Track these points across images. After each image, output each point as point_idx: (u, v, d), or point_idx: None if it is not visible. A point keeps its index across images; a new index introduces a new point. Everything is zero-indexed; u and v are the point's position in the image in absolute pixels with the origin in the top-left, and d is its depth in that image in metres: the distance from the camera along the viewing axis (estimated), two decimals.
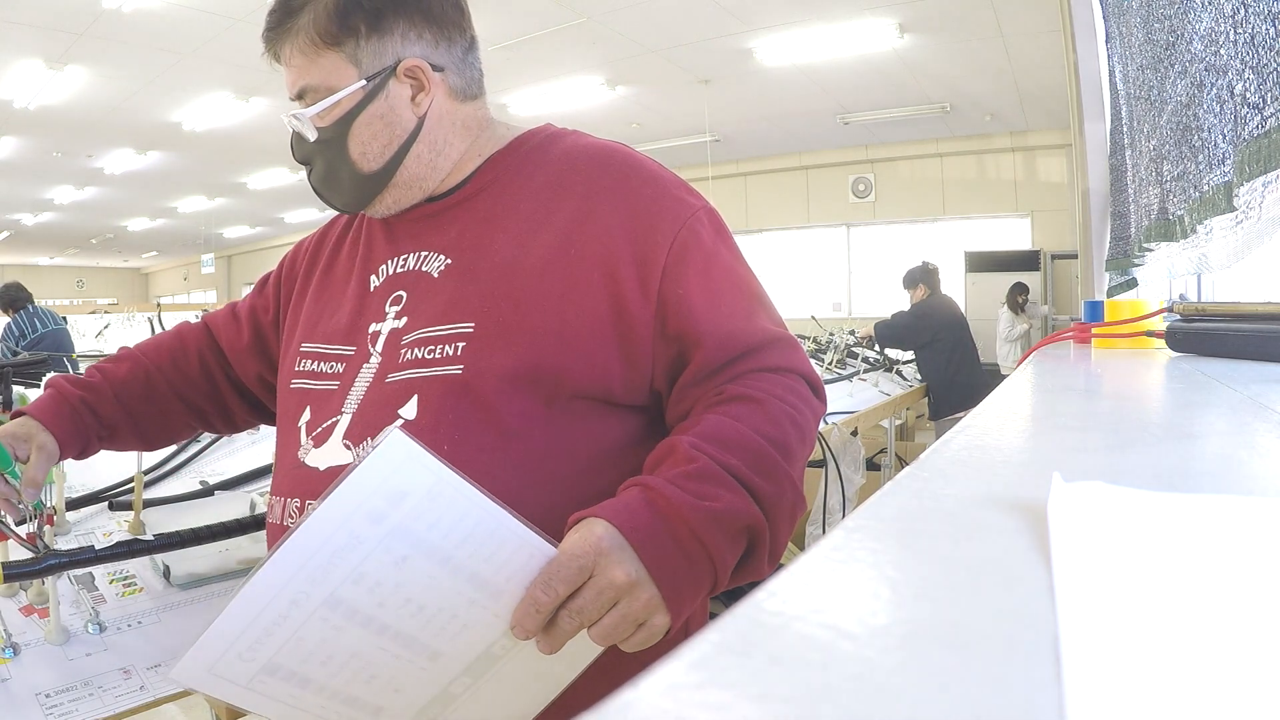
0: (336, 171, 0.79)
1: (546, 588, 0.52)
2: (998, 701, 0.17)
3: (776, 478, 0.63)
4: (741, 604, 0.22)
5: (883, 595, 0.24)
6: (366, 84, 0.75)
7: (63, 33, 5.07)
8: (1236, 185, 0.86)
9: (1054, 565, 0.24)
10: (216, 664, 0.50)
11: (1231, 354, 0.89)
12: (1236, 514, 0.29)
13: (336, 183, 0.80)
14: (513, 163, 0.81)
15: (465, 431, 0.69)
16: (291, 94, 0.78)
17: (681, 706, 0.17)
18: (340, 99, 0.75)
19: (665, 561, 0.56)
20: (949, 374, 4.08)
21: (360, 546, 0.48)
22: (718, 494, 0.59)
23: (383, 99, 0.76)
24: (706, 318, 0.72)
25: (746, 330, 0.73)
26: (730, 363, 0.71)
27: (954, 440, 0.46)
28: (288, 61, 0.77)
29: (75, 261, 17.17)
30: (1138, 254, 1.82)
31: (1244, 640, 0.19)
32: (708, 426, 0.64)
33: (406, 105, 0.77)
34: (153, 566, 1.04)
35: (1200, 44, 1.03)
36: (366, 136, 0.76)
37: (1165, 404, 0.71)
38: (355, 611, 0.49)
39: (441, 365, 0.72)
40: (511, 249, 0.75)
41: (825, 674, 0.18)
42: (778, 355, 0.73)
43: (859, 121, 7.44)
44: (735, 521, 0.59)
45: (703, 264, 0.74)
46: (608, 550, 0.54)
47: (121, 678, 0.85)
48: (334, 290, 0.85)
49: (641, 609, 0.55)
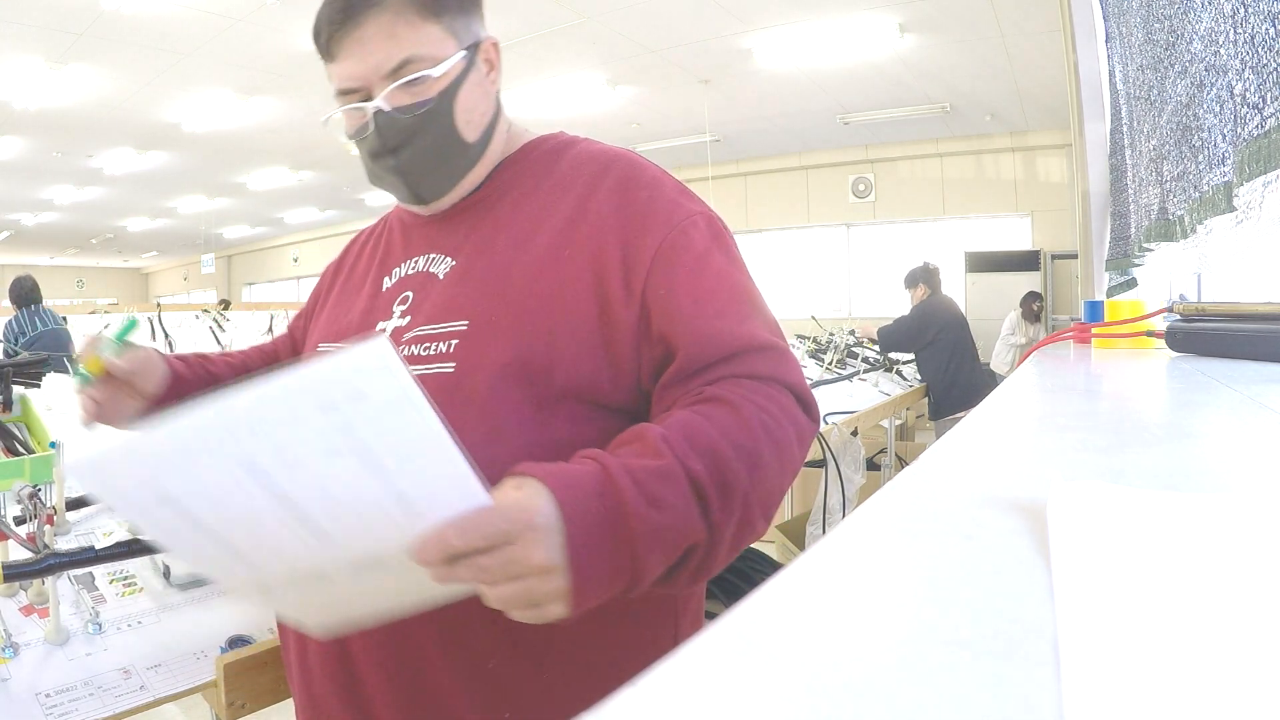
0: (440, 145, 0.77)
1: (462, 534, 0.50)
2: (998, 701, 0.17)
3: (731, 494, 0.59)
4: (741, 604, 0.22)
5: (883, 595, 0.24)
6: (466, 54, 0.77)
7: (63, 33, 5.07)
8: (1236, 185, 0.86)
9: (1054, 565, 0.24)
10: (119, 478, 0.51)
11: (1231, 354, 0.89)
12: (1236, 514, 0.29)
13: (437, 157, 0.78)
14: (523, 168, 0.83)
15: (454, 428, 0.67)
16: (383, 71, 0.74)
17: (681, 706, 0.17)
18: (449, 66, 0.75)
19: (590, 562, 0.53)
20: (949, 374, 4.08)
21: (299, 428, 0.47)
22: (671, 503, 0.55)
23: (476, 70, 0.79)
24: (690, 318, 0.70)
25: (733, 334, 0.69)
26: (711, 365, 0.68)
27: (954, 440, 0.46)
28: (386, 36, 0.73)
29: (75, 261, 17.17)
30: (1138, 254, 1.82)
31: (1243, 640, 0.19)
32: (680, 423, 0.61)
33: (489, 81, 0.81)
34: (153, 566, 1.04)
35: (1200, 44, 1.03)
36: (470, 104, 0.78)
37: (1165, 404, 0.71)
38: (269, 479, 0.49)
39: (435, 362, 0.73)
40: (510, 250, 0.76)
41: (825, 674, 0.18)
42: (764, 363, 0.69)
43: (859, 121, 7.44)
44: (676, 540, 0.56)
45: (692, 266, 0.72)
46: (539, 527, 0.51)
47: (121, 678, 0.85)
48: (351, 292, 0.88)
49: (544, 595, 0.52)
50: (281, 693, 0.90)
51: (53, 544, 0.92)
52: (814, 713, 0.17)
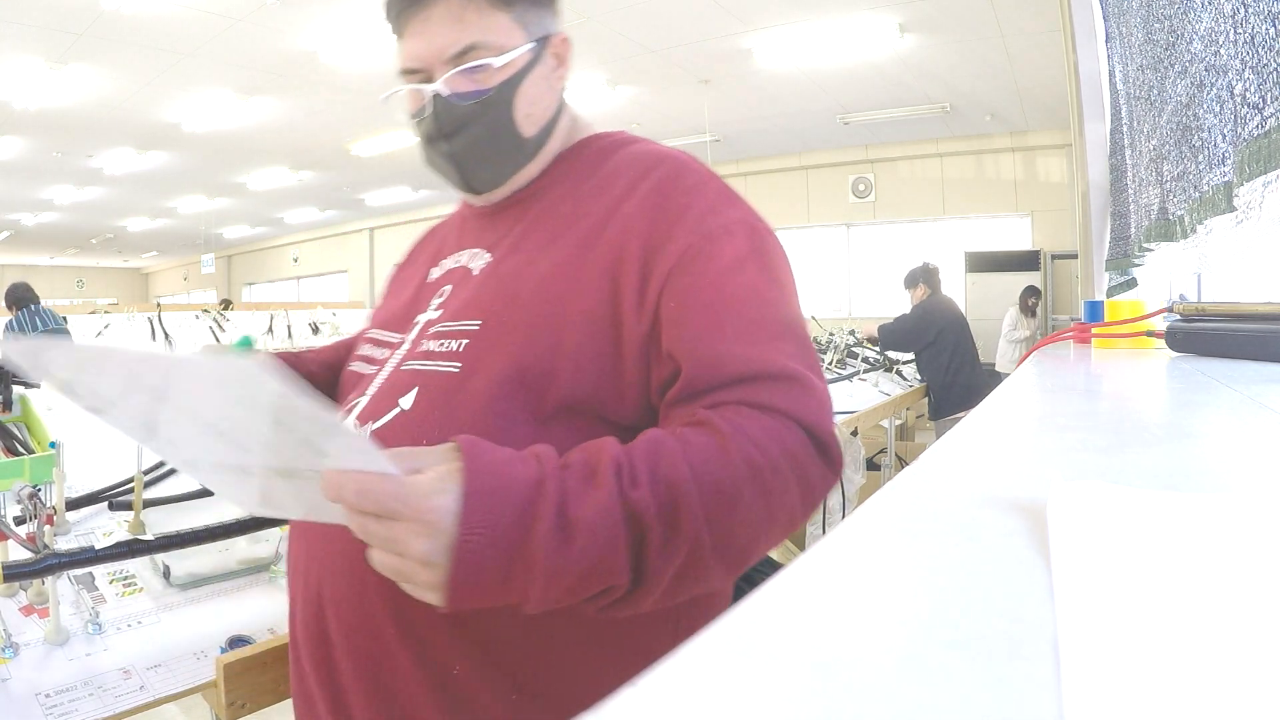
0: (496, 135, 0.76)
1: (358, 495, 0.48)
2: (998, 701, 0.17)
3: (678, 535, 0.52)
4: (741, 604, 0.22)
5: (883, 595, 0.24)
6: (534, 46, 0.76)
7: (63, 33, 5.07)
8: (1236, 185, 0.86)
9: (1054, 565, 0.24)
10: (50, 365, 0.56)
11: (1231, 354, 0.89)
12: (1236, 514, 0.29)
13: (492, 149, 0.76)
14: (572, 165, 0.80)
15: (448, 433, 0.60)
16: (446, 55, 0.73)
17: (681, 706, 0.17)
18: (514, 57, 0.74)
19: (472, 573, 0.50)
20: (949, 374, 4.08)
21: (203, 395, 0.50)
22: (588, 543, 0.50)
23: (543, 64, 0.77)
24: (699, 335, 0.64)
25: (745, 357, 0.62)
26: (716, 389, 0.61)
27: (954, 440, 0.46)
28: (453, 20, 0.72)
29: (75, 261, 17.17)
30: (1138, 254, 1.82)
31: (1243, 640, 0.19)
32: (648, 446, 0.55)
33: (556, 76, 0.80)
34: (153, 566, 1.04)
35: (1200, 44, 1.03)
36: (532, 97, 0.76)
37: (1165, 404, 0.71)
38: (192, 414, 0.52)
39: (444, 360, 0.71)
40: (536, 250, 0.73)
41: (825, 674, 0.18)
42: (779, 394, 0.60)
43: (859, 121, 7.45)
44: (586, 579, 0.52)
45: (714, 279, 0.66)
46: (429, 523, 0.48)
47: (121, 678, 0.85)
48: (405, 281, 0.89)
49: (419, 581, 0.50)
50: (282, 693, 0.90)
51: (52, 544, 0.92)
52: (814, 713, 0.17)
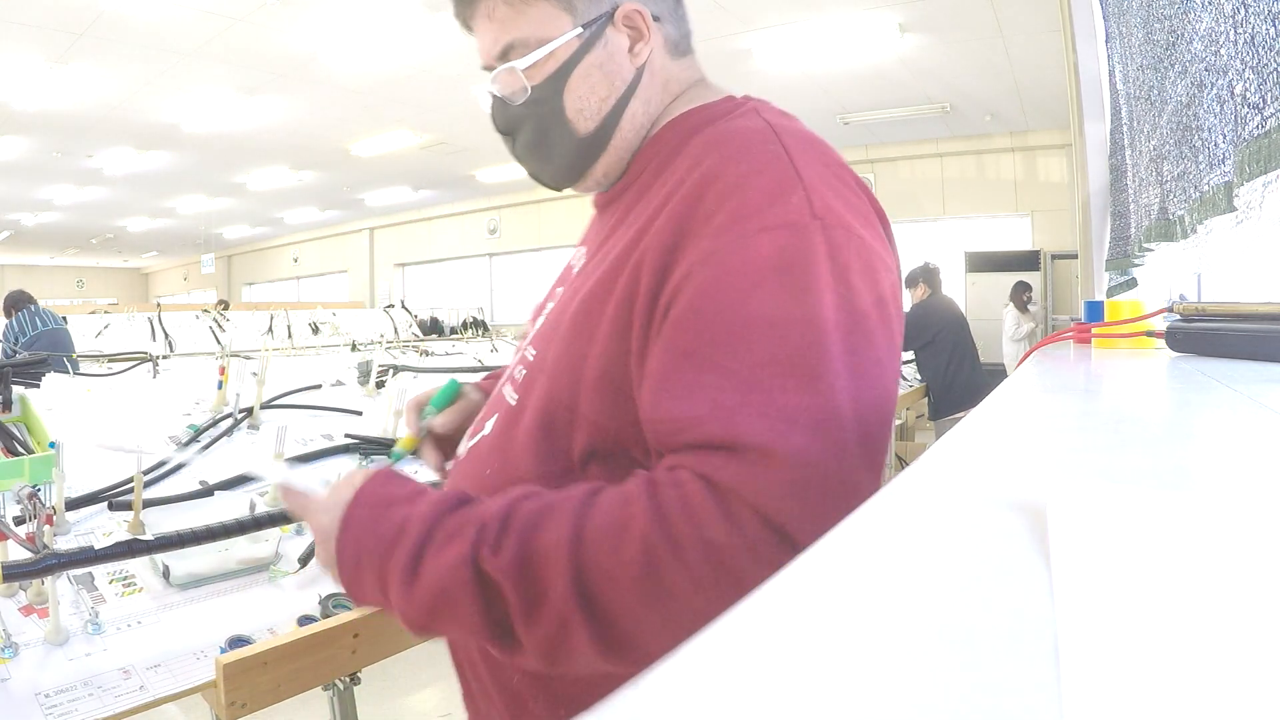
0: (548, 136, 0.70)
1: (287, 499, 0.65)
2: (998, 701, 0.17)
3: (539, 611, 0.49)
4: (741, 604, 0.22)
5: (883, 595, 0.24)
6: (583, 31, 0.67)
7: (63, 32, 5.07)
8: (1236, 185, 0.86)
9: (1054, 565, 0.24)
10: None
11: (1231, 354, 0.89)
12: (1236, 514, 0.29)
13: (548, 149, 0.71)
14: (650, 156, 0.70)
15: (504, 468, 0.65)
16: (493, 54, 0.69)
17: (681, 706, 0.17)
18: (555, 49, 0.67)
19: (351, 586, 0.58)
20: (949, 374, 4.09)
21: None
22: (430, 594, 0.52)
23: (601, 48, 0.68)
24: (659, 383, 0.54)
25: (691, 418, 0.51)
26: (669, 451, 0.53)
27: (954, 440, 0.46)
28: (486, 17, 0.69)
29: (75, 261, 17.17)
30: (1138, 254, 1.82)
31: (1243, 640, 0.19)
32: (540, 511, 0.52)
33: (624, 55, 0.69)
34: (153, 566, 1.04)
35: (1200, 44, 1.03)
36: (584, 90, 0.68)
37: (1165, 404, 0.71)
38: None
39: (514, 390, 0.68)
40: (596, 264, 0.65)
41: (825, 674, 0.18)
42: (727, 469, 0.49)
43: (859, 121, 7.44)
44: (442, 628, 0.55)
45: (704, 305, 0.53)
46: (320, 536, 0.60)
47: (121, 678, 0.85)
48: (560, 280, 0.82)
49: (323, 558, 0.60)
50: (282, 693, 0.90)
51: (52, 544, 0.92)
52: (814, 713, 0.17)
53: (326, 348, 5.04)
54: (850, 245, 0.55)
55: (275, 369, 1.72)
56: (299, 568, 1.10)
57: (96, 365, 3.28)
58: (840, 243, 0.54)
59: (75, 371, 2.55)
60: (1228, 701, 0.16)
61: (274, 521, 1.04)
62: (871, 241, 0.57)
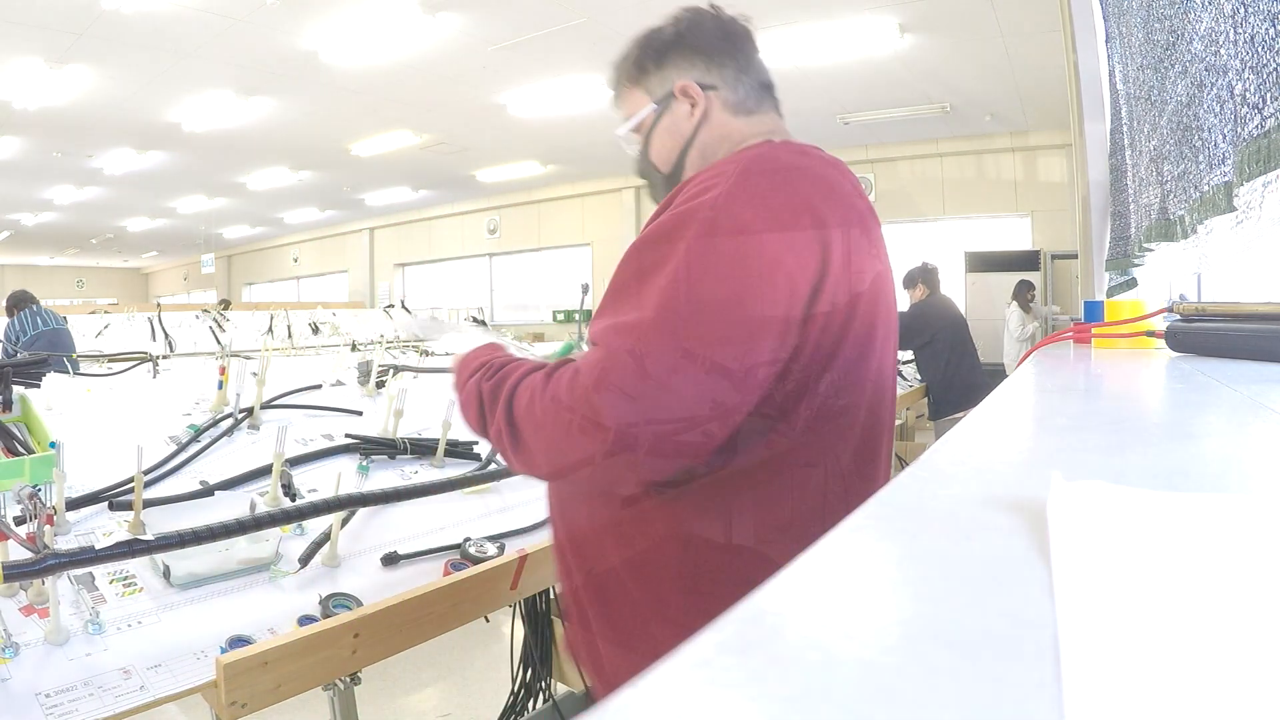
0: (648, 174, 1.03)
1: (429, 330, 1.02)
2: (998, 701, 0.17)
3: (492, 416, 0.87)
4: (741, 604, 0.22)
5: (883, 595, 0.24)
6: (656, 106, 0.99)
7: (63, 32, 5.07)
8: (1236, 185, 0.86)
9: (1054, 565, 0.24)
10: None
11: (1231, 354, 0.89)
12: (1236, 514, 0.29)
13: (650, 182, 1.04)
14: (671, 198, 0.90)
15: None
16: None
17: (682, 706, 0.17)
18: (642, 118, 1.00)
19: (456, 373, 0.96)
20: (948, 374, 4.08)
21: None
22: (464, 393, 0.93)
23: (669, 115, 0.98)
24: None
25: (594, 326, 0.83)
26: None
27: (954, 440, 0.46)
28: (617, 99, 1.04)
29: (75, 261, 17.17)
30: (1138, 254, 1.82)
31: (1243, 640, 0.19)
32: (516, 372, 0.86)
33: (686, 118, 0.97)
34: (153, 566, 1.04)
35: (1200, 44, 1.03)
36: (659, 144, 0.99)
37: (1165, 404, 0.71)
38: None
39: None
40: None
41: (825, 674, 0.18)
42: (584, 355, 0.81)
43: (859, 121, 7.45)
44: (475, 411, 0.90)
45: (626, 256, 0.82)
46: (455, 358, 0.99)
47: (121, 678, 0.85)
48: None
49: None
50: (282, 692, 0.90)
51: (52, 544, 0.92)
52: (814, 712, 0.17)
53: (326, 348, 5.03)
54: (722, 228, 0.77)
55: (275, 369, 1.72)
56: (299, 568, 1.10)
57: (97, 365, 3.27)
58: (716, 224, 0.77)
59: (75, 371, 2.55)
60: (1227, 701, 0.16)
61: (274, 521, 1.04)
62: (765, 235, 0.78)
